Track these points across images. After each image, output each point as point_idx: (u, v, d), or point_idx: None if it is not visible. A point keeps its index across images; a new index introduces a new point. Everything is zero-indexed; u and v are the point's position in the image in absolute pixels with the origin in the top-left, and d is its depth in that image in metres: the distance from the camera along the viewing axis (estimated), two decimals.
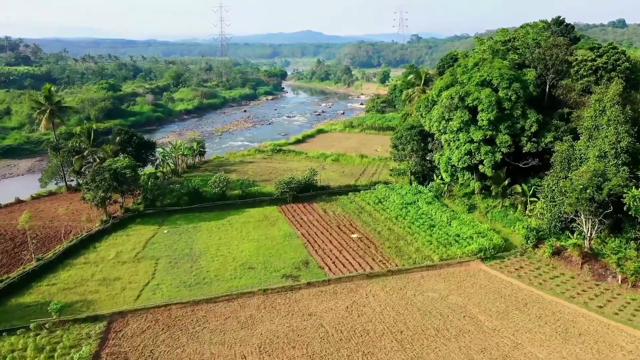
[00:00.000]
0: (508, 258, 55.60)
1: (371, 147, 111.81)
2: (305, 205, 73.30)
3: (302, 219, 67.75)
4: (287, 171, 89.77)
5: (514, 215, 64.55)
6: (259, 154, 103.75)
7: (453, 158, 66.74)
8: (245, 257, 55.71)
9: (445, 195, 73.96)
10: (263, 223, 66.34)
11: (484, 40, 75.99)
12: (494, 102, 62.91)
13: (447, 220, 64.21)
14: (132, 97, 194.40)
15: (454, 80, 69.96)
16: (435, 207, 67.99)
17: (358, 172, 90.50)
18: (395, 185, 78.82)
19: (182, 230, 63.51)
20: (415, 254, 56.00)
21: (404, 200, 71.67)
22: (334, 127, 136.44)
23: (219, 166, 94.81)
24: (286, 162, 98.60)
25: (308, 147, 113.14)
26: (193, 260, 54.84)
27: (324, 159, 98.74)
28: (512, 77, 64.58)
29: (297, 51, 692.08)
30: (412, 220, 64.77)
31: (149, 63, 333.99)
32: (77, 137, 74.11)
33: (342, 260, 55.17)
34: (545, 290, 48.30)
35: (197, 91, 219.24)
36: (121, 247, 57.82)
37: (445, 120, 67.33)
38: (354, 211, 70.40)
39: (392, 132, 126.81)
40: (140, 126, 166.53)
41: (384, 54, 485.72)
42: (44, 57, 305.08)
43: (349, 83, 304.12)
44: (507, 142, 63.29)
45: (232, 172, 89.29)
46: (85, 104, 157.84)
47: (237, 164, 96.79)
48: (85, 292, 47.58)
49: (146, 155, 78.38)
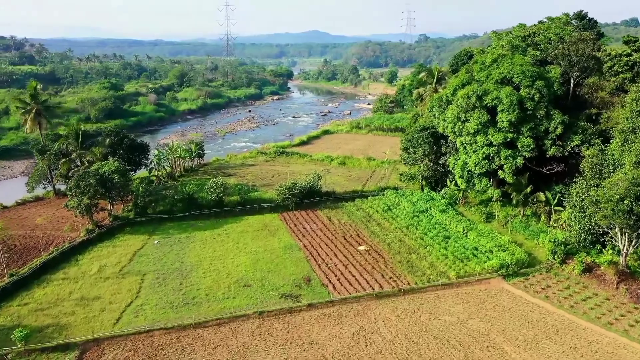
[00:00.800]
0: (533, 275, 49.69)
1: (379, 149, 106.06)
2: (309, 213, 67.72)
3: (305, 229, 62.16)
4: (290, 175, 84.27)
5: (536, 225, 58.60)
6: (261, 157, 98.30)
7: (469, 163, 60.86)
8: (241, 272, 50.18)
9: (460, 202, 68.07)
10: (262, 233, 60.81)
11: (502, 35, 70.09)
12: (515, 101, 57.04)
13: (464, 231, 58.38)
14: (134, 97, 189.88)
15: (471, 78, 64.13)
16: (450, 216, 62.15)
17: (365, 176, 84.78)
18: (405, 191, 73.04)
19: (173, 241, 58.08)
20: (429, 270, 50.25)
21: (416, 207, 65.90)
22: (340, 128, 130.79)
23: (218, 169, 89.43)
24: (289, 165, 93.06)
25: (313, 149, 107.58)
26: (183, 276, 49.37)
27: (329, 162, 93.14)
28: (536, 74, 58.65)
29: (303, 51, 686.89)
30: (424, 231, 58.99)
31: (154, 63, 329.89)
32: (64, 138, 68.85)
33: (347, 276, 49.51)
34: (578, 314, 42.40)
35: (201, 91, 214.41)
36: (106, 260, 52.47)
37: (461, 121, 61.50)
38: (361, 220, 64.72)
39: (401, 133, 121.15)
40: (142, 126, 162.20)
41: (391, 54, 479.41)
42: (48, 56, 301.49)
43: (356, 83, 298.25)
44: (530, 145, 57.36)
45: (231, 176, 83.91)
46: (85, 104, 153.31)
47: (238, 167, 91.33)
48: (59, 314, 42.22)
49: (139, 158, 73.07)
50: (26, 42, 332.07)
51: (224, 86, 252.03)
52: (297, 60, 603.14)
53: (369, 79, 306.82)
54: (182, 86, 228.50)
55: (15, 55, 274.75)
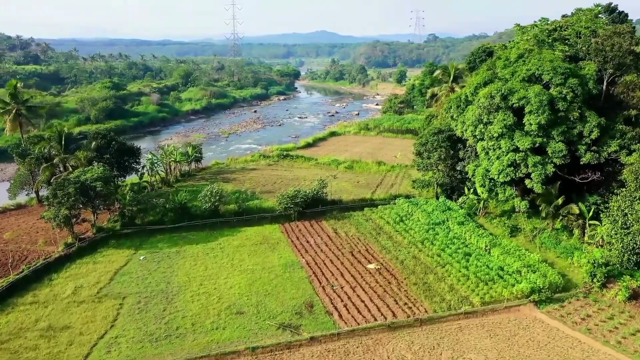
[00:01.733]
0: (569, 301, 42.93)
1: (389, 152, 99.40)
2: (313, 224, 61.28)
3: (308, 242, 55.72)
4: (293, 181, 77.90)
5: (568, 242, 51.74)
6: (263, 160, 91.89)
7: (492, 170, 54.06)
8: (234, 295, 43.81)
9: (480, 213, 61.29)
10: (261, 247, 54.43)
11: (528, 29, 63.14)
12: (545, 101, 50.22)
13: (486, 247, 51.66)
14: (137, 97, 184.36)
15: (493, 75, 57.38)
16: (470, 229, 55.40)
17: (375, 182, 78.15)
18: (419, 200, 66.37)
19: (161, 257, 51.81)
20: (449, 294, 43.63)
21: (431, 219, 59.25)
22: (347, 129, 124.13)
23: (217, 174, 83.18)
24: (293, 169, 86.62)
25: (319, 151, 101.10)
26: (168, 299, 43.09)
27: (335, 167, 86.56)
28: (568, 71, 51.78)
29: (311, 51, 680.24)
30: (442, 246, 52.33)
31: (159, 62, 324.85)
32: (46, 141, 62.79)
33: (355, 301, 43.01)
34: (628, 353, 35.60)
35: (206, 90, 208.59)
36: (83, 280, 46.31)
37: (482, 123, 54.74)
38: (370, 232, 58.16)
39: (412, 135, 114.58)
40: (144, 127, 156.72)
41: (399, 54, 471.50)
42: (54, 56, 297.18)
43: (364, 83, 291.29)
44: (562, 151, 50.45)
45: (231, 181, 77.64)
46: (85, 104, 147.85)
47: (238, 171, 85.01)
48: (19, 348, 36.05)
49: (129, 163, 66.89)
50: (32, 41, 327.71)
51: (229, 86, 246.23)
52: (305, 61, 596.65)
53: (378, 79, 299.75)
54: (187, 86, 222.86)
55: (20, 55, 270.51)
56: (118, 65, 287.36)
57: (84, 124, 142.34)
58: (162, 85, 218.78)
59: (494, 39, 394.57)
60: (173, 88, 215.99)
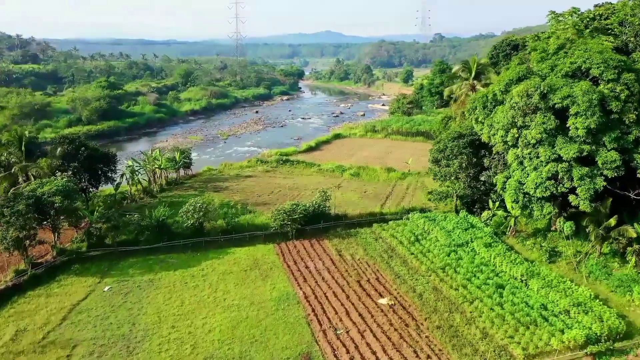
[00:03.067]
0: (634, 353, 33.56)
1: (398, 156, 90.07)
2: (314, 243, 52.09)
3: (307, 268, 46.54)
4: (292, 190, 68.75)
5: (622, 271, 42.31)
6: (260, 166, 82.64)
7: (527, 183, 44.67)
8: (213, 344, 34.68)
9: (509, 232, 51.83)
10: (251, 274, 45.28)
11: (566, 16, 53.65)
12: (595, 101, 40.79)
13: (522, 277, 42.30)
14: (135, 97, 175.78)
15: (528, 70, 47.95)
16: (499, 253, 46.01)
17: (384, 192, 68.80)
18: (436, 214, 57.04)
19: (130, 287, 42.75)
20: (482, 343, 34.32)
21: (452, 239, 49.93)
22: (353, 131, 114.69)
23: (208, 182, 74.09)
24: (293, 176, 77.37)
25: (322, 156, 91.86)
26: (129, 349, 33.99)
27: (340, 174, 77.23)
28: (622, 65, 42.40)
29: (316, 51, 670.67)
30: (467, 275, 43.04)
31: (161, 61, 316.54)
32: (4, 147, 53.84)
33: (365, 352, 33.78)
34: None
35: (206, 90, 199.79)
36: (28, 320, 37.31)
37: (516, 127, 45.36)
38: (381, 255, 48.88)
39: (423, 138, 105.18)
40: (140, 128, 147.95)
41: (405, 54, 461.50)
42: (53, 55, 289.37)
43: (369, 83, 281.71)
44: (615, 161, 41.02)
45: (222, 191, 68.57)
46: (76, 104, 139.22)
47: (232, 178, 75.85)
48: None
49: (104, 171, 57.92)
50: (33, 40, 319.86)
51: (231, 86, 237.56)
52: (309, 61, 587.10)
53: (383, 79, 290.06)
54: (187, 85, 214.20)
55: (19, 54, 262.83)
56: (119, 64, 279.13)
57: (75, 125, 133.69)
58: (161, 85, 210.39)
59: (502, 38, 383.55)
60: (173, 88, 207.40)
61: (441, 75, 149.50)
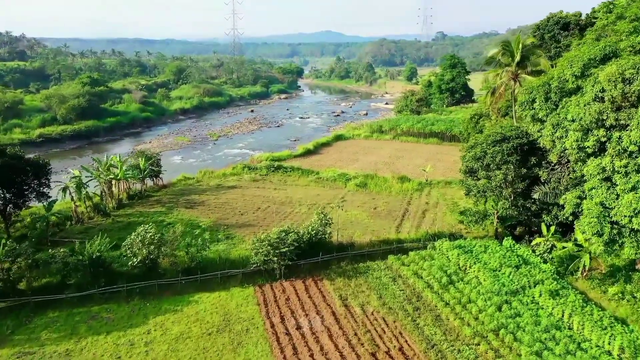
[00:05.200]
0: None
1: (410, 161, 75.62)
2: (309, 286, 37.58)
3: (300, 328, 32.03)
4: (284, 206, 54.30)
5: None
6: (247, 174, 67.89)
7: (620, 208, 30.20)
8: None
9: (582, 273, 37.14)
10: (217, 341, 30.74)
11: None
12: None
13: (621, 353, 27.77)
14: (121, 95, 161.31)
15: (615, 47, 33.46)
16: (574, 308, 31.49)
17: (399, 208, 54.18)
18: (472, 243, 42.41)
19: None
20: None
21: (501, 282, 35.37)
22: (357, 132, 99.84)
23: (182, 194, 59.53)
24: (286, 187, 62.75)
25: (321, 161, 77.30)
26: None
27: (343, 184, 62.60)
28: None
29: (316, 50, 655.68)
30: (534, 345, 28.57)
31: (154, 59, 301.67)
32: None
33: None
34: None
35: (199, 88, 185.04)
36: None
37: (604, 127, 30.92)
38: (403, 306, 34.31)
39: (437, 139, 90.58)
40: (122, 128, 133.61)
41: (407, 52, 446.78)
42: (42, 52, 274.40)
43: (371, 81, 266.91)
44: None
45: (197, 207, 54.06)
46: (51, 102, 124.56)
47: (211, 190, 61.26)
48: None
49: (34, 186, 43.36)
50: (23, 38, 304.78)
51: (227, 84, 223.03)
52: (309, 60, 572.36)
53: (386, 77, 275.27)
54: (179, 83, 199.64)
55: (5, 51, 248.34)
56: (111, 62, 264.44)
57: (50, 125, 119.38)
58: (151, 83, 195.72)
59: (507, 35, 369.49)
60: (164, 85, 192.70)
61: (452, 70, 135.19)
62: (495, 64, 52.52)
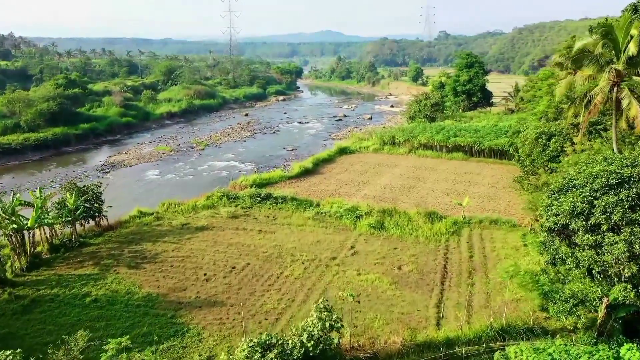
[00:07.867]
0: None
1: (434, 185, 58.90)
2: None
3: None
4: (269, 262, 37.44)
5: None
6: (225, 206, 50.80)
7: None
8: None
9: None
10: None
11: None
12: None
13: None
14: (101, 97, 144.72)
15: None
16: None
17: (433, 267, 37.15)
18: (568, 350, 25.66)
19: None
20: None
21: None
22: (364, 144, 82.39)
23: (130, 241, 42.47)
24: (276, 227, 45.72)
25: (322, 184, 60.51)
26: None
27: (352, 223, 45.49)
28: None
29: (316, 50, 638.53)
30: None
31: (146, 59, 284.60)
32: None
33: None
34: None
35: (189, 89, 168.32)
36: None
37: None
38: None
39: (462, 154, 73.85)
40: (98, 135, 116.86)
41: (409, 52, 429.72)
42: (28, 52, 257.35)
43: (373, 82, 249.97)
44: None
45: (145, 264, 37.20)
46: (15, 106, 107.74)
47: (173, 233, 44.22)
48: None
49: None
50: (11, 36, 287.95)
51: (221, 84, 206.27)
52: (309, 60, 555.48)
53: (389, 77, 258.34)
54: (169, 84, 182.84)
55: None
56: (100, 61, 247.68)
57: (11, 133, 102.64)
58: (138, 83, 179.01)
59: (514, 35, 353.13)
60: (152, 86, 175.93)
61: (468, 70, 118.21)
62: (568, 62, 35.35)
